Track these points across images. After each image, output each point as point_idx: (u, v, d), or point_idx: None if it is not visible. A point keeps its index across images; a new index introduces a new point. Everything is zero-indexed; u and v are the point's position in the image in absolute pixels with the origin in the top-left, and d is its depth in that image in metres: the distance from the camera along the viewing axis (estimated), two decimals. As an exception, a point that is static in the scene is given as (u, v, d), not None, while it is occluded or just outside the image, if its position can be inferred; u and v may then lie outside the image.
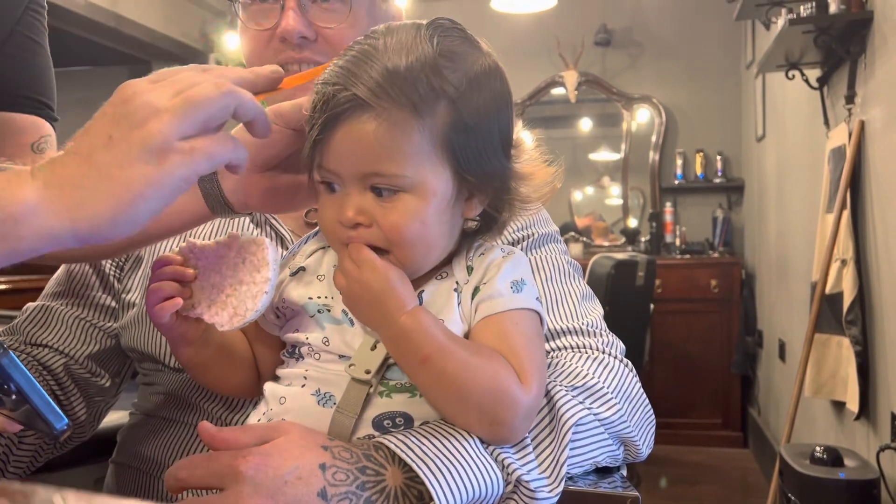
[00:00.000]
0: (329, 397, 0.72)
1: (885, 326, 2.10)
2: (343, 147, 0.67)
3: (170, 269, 0.71)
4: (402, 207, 0.68)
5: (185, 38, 4.95)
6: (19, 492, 0.46)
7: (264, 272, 0.69)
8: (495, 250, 0.76)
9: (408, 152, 0.67)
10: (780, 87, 3.40)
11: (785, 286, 3.49)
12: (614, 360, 0.88)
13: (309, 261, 0.78)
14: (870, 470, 2.00)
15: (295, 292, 0.76)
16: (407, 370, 0.70)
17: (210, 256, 0.72)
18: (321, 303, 0.74)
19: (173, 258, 0.72)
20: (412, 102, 0.66)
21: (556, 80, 4.94)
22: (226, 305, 0.70)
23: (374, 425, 0.71)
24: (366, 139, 0.66)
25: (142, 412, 1.01)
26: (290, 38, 0.93)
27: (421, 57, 0.67)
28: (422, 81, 0.67)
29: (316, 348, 0.74)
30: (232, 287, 0.70)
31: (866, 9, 2.22)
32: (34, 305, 1.03)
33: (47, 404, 0.65)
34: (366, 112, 0.66)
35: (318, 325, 0.74)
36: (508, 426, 0.70)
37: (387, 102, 0.66)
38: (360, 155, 0.67)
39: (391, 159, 0.67)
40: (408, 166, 0.68)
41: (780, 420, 3.39)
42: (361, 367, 0.71)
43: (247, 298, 0.69)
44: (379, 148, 0.67)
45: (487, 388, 0.68)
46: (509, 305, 0.72)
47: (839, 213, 2.33)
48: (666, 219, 4.83)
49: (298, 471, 0.64)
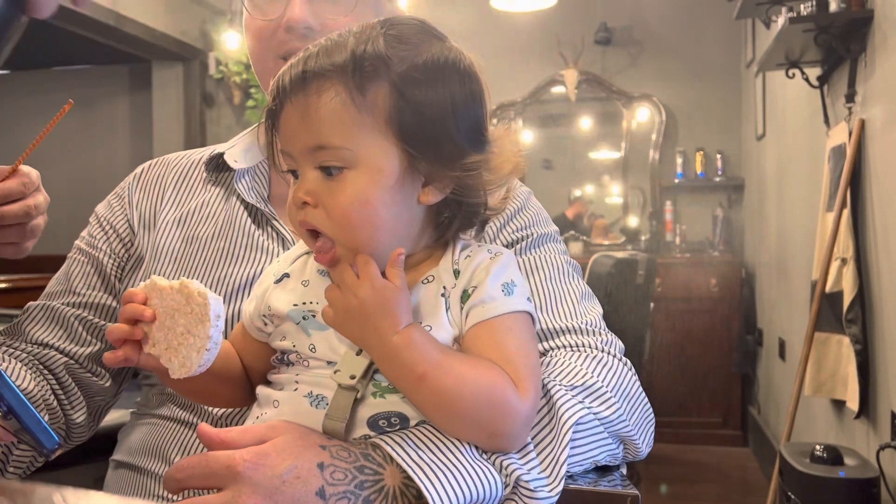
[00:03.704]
0: (321, 398, 0.71)
1: (885, 325, 2.10)
2: (292, 123, 0.69)
3: (131, 307, 0.71)
4: (347, 186, 0.68)
5: (184, 37, 4.95)
6: (19, 490, 0.46)
7: (206, 328, 0.68)
8: (482, 252, 0.75)
9: (349, 124, 0.68)
10: (781, 86, 3.40)
11: (785, 285, 3.49)
12: (614, 359, 0.88)
13: (293, 266, 0.78)
14: (870, 469, 2.00)
15: (279, 300, 0.75)
16: (403, 389, 0.69)
17: (166, 298, 0.71)
18: (306, 308, 0.74)
19: (137, 294, 0.72)
20: (352, 76, 0.68)
21: (556, 79, 4.94)
22: (177, 353, 0.69)
23: (369, 425, 0.70)
24: (310, 111, 0.68)
25: (142, 411, 1.01)
26: (296, 28, 0.94)
27: (366, 37, 0.69)
28: (364, 58, 0.68)
29: (304, 356, 0.74)
30: (182, 335, 0.69)
31: (866, 7, 2.22)
32: (35, 304, 1.03)
33: (37, 423, 0.66)
34: (310, 86, 0.68)
35: (304, 331, 0.73)
36: (509, 436, 0.70)
37: (330, 77, 0.68)
38: (306, 128, 0.68)
39: (333, 130, 0.68)
40: (350, 139, 0.68)
41: (780, 419, 3.39)
42: (346, 372, 0.70)
43: (192, 351, 0.69)
44: (322, 119, 0.68)
45: (486, 402, 0.68)
46: (502, 309, 0.71)
47: (839, 211, 2.33)
48: (666, 217, 4.83)
49: (297, 470, 0.64)
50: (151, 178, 1.08)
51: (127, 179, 1.10)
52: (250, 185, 1.02)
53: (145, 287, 0.72)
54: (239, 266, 0.95)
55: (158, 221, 1.02)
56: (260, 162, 1.06)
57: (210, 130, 5.26)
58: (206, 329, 0.68)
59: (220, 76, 5.08)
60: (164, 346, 0.70)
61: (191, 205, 1.03)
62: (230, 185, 1.03)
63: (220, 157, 1.04)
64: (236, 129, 4.64)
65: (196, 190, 1.05)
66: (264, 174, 1.05)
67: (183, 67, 5.11)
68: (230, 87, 5.11)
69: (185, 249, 0.99)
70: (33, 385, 0.93)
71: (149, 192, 1.06)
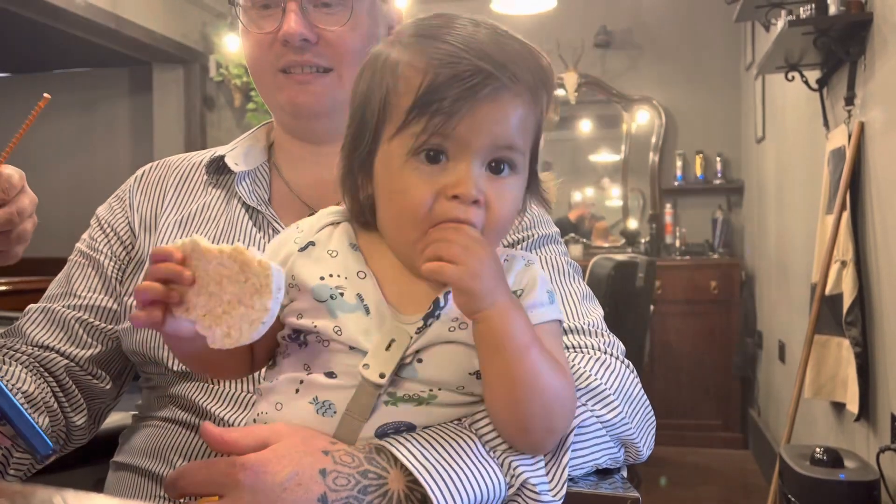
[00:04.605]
0: (328, 406, 0.69)
1: (884, 328, 2.10)
2: (488, 118, 0.68)
3: (166, 266, 0.64)
4: (511, 188, 0.71)
5: (185, 40, 4.95)
6: (19, 493, 0.46)
7: (265, 300, 0.63)
8: (517, 257, 0.76)
9: (529, 132, 0.72)
10: (780, 89, 3.40)
11: (785, 287, 3.49)
12: (615, 361, 0.88)
13: (318, 235, 0.74)
14: (870, 471, 2.00)
15: (304, 270, 0.71)
16: (500, 356, 0.66)
17: (212, 262, 0.64)
18: (333, 284, 0.70)
19: (174, 253, 0.65)
20: (536, 88, 0.70)
21: (556, 82, 4.94)
22: (220, 321, 0.64)
23: (377, 435, 0.69)
24: (514, 111, 0.69)
25: (144, 414, 1.01)
26: (292, 41, 0.94)
27: (532, 50, 0.71)
28: (539, 71, 0.71)
29: (325, 336, 0.70)
30: (229, 304, 0.64)
31: (866, 10, 2.22)
32: (36, 307, 1.03)
33: (31, 429, 0.65)
34: (514, 89, 0.69)
35: (329, 311, 0.69)
36: (557, 436, 0.71)
37: (523, 84, 0.69)
38: (505, 127, 0.69)
39: (521, 135, 0.70)
40: (526, 145, 0.72)
41: (780, 421, 3.39)
42: (376, 369, 0.68)
43: (242, 322, 0.63)
44: (523, 121, 0.70)
45: (564, 395, 0.69)
46: (549, 316, 0.73)
47: (839, 214, 2.33)
48: (666, 220, 4.83)
49: (298, 477, 0.63)
50: (152, 181, 1.08)
51: (128, 182, 1.10)
52: (251, 188, 1.02)
53: (184, 246, 0.65)
54: (239, 268, 0.95)
55: (159, 224, 1.02)
56: (260, 165, 1.06)
57: (210, 133, 5.26)
58: (264, 301, 0.63)
59: (221, 79, 5.08)
60: (204, 312, 0.64)
61: (192, 207, 1.03)
62: (231, 187, 1.03)
63: (220, 159, 1.04)
64: (237, 132, 4.63)
65: (197, 193, 1.05)
66: (265, 177, 1.05)
67: (183, 70, 5.11)
68: (231, 89, 5.11)
69: (185, 252, 0.98)
70: (34, 387, 0.93)
71: (150, 195, 1.06)
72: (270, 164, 1.07)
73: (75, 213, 2.84)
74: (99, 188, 2.02)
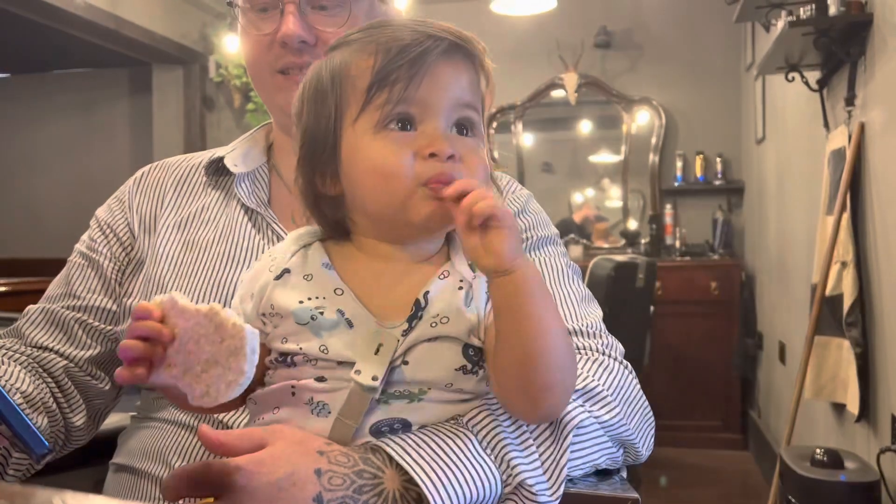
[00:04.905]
0: (322, 406, 0.70)
1: (885, 328, 2.10)
2: (443, 78, 0.72)
3: (144, 325, 0.65)
4: (478, 147, 0.73)
5: (184, 40, 4.95)
6: (18, 493, 0.46)
7: (241, 363, 0.63)
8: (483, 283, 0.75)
9: (479, 96, 0.75)
10: (780, 90, 3.40)
11: (785, 288, 3.49)
12: (614, 362, 0.88)
13: (292, 262, 0.74)
14: (870, 472, 2.00)
15: (282, 298, 0.72)
16: (528, 303, 0.66)
17: (190, 320, 0.65)
18: (312, 306, 0.71)
19: (153, 311, 0.65)
20: (476, 55, 0.74)
21: (556, 83, 4.94)
22: (199, 380, 0.64)
23: (372, 433, 0.70)
24: (464, 73, 0.73)
25: (143, 415, 1.00)
26: (290, 43, 0.94)
27: (463, 31, 0.75)
28: (474, 42, 0.74)
29: (311, 356, 0.70)
30: (207, 363, 0.64)
31: (866, 11, 2.22)
32: (35, 308, 1.03)
33: (27, 429, 0.65)
34: (459, 52, 0.73)
35: (313, 332, 0.70)
36: (568, 398, 0.73)
37: (468, 51, 0.74)
38: (461, 86, 0.73)
39: (475, 96, 0.74)
40: (479, 108, 0.75)
41: (781, 422, 3.39)
42: (368, 373, 0.68)
43: (220, 382, 0.63)
44: (472, 83, 0.74)
45: (570, 349, 0.70)
46: None
47: (839, 215, 2.33)
48: (666, 221, 4.83)
49: (293, 477, 0.63)
50: (151, 182, 1.08)
51: (127, 183, 1.10)
52: (250, 190, 1.02)
53: (162, 304, 0.66)
54: (239, 270, 0.95)
55: (158, 225, 1.02)
56: (259, 166, 1.05)
57: (210, 134, 5.27)
58: (239, 363, 0.63)
59: (220, 79, 5.08)
60: (183, 369, 0.64)
61: (191, 209, 1.03)
62: (230, 189, 1.03)
63: (219, 161, 1.04)
64: (236, 133, 4.63)
65: (196, 194, 1.05)
66: (264, 178, 1.05)
67: (183, 71, 5.11)
68: (230, 90, 5.11)
69: (185, 254, 0.98)
70: (32, 388, 0.92)
71: (149, 196, 1.06)
72: (270, 166, 1.07)
73: (75, 214, 2.84)
74: (98, 189, 2.02)
